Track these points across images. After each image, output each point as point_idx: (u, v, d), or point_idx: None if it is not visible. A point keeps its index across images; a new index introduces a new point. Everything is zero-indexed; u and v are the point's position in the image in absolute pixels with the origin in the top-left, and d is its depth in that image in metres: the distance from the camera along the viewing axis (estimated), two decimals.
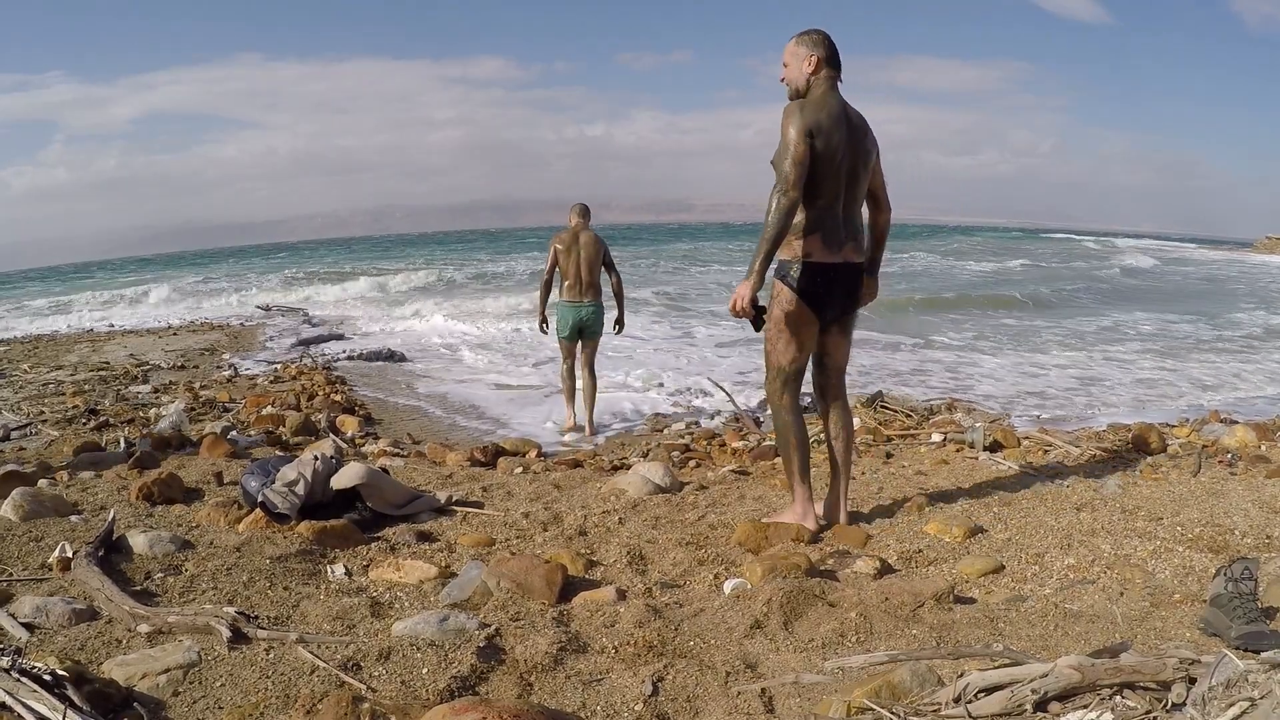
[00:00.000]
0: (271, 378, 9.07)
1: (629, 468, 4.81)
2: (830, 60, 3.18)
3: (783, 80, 3.24)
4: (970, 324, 13.92)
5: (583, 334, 6.73)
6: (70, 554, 2.77)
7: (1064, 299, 18.58)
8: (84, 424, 6.30)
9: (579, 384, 6.95)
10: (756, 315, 3.12)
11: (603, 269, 6.69)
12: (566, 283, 6.57)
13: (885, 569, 2.96)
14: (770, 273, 3.19)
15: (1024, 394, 8.34)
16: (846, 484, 3.54)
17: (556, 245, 6.59)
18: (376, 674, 2.08)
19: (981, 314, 15.44)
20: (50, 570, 2.74)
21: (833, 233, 3.18)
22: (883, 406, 6.64)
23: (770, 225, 2.99)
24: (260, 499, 3.34)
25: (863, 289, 3.37)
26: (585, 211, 6.73)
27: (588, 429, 6.78)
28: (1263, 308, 17.23)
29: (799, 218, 3.13)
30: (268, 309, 18.75)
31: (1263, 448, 4.91)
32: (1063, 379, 9.19)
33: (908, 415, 6.42)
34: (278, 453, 4.86)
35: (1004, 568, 2.95)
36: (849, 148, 3.13)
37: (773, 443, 5.80)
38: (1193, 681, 1.59)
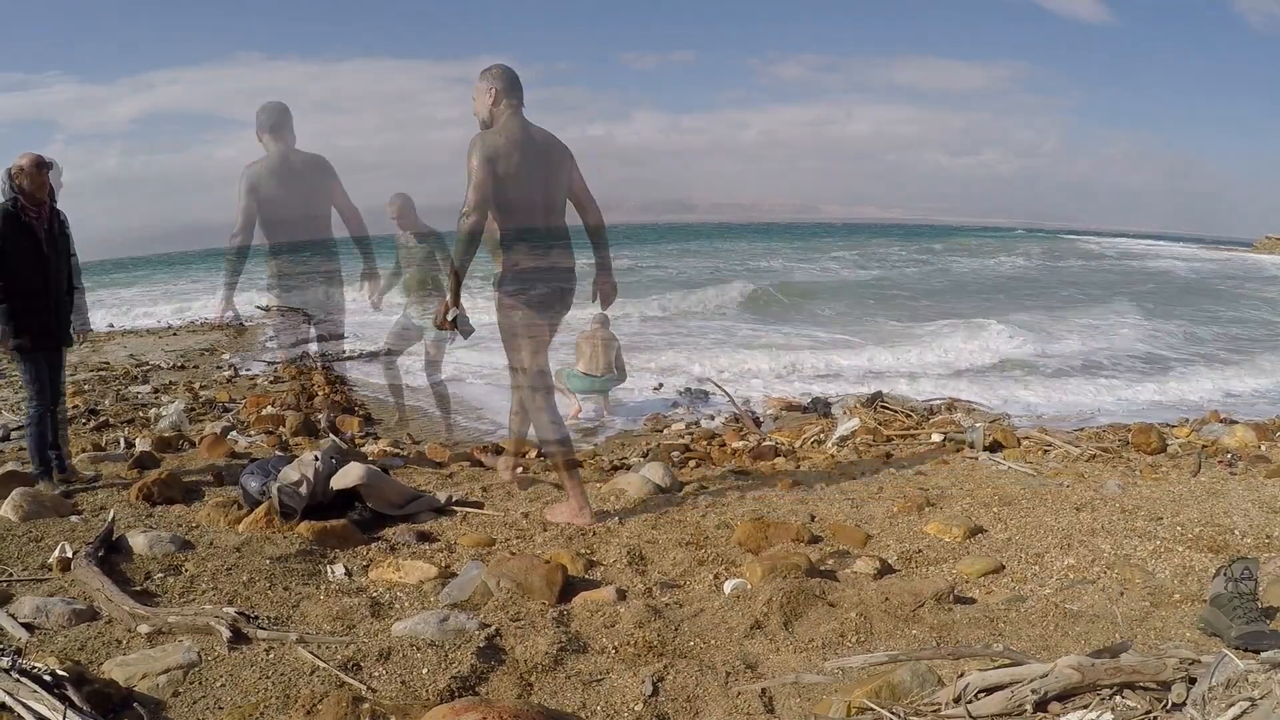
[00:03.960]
0: (271, 378, 9.08)
1: (629, 468, 4.81)
2: (509, 91, 3.43)
3: (476, 115, 3.49)
4: None
5: (594, 390, 7.84)
6: (70, 554, 2.77)
7: None
8: (84, 424, 6.30)
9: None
10: (455, 326, 3.47)
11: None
12: (583, 359, 7.61)
13: (885, 569, 2.96)
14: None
15: None
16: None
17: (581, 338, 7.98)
18: (376, 674, 2.08)
19: None
20: (50, 570, 2.75)
21: (535, 240, 3.45)
22: (883, 406, 6.64)
23: (456, 245, 3.31)
24: (270, 494, 3.36)
25: (600, 288, 3.69)
26: (605, 321, 8.14)
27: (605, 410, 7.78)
28: None
29: (500, 234, 3.40)
30: (268, 309, 18.75)
31: (1263, 448, 4.91)
32: None
33: (908, 415, 6.42)
34: (277, 453, 4.86)
35: (1004, 568, 2.95)
36: (536, 163, 3.40)
37: (772, 443, 5.82)
38: (1193, 681, 1.59)
